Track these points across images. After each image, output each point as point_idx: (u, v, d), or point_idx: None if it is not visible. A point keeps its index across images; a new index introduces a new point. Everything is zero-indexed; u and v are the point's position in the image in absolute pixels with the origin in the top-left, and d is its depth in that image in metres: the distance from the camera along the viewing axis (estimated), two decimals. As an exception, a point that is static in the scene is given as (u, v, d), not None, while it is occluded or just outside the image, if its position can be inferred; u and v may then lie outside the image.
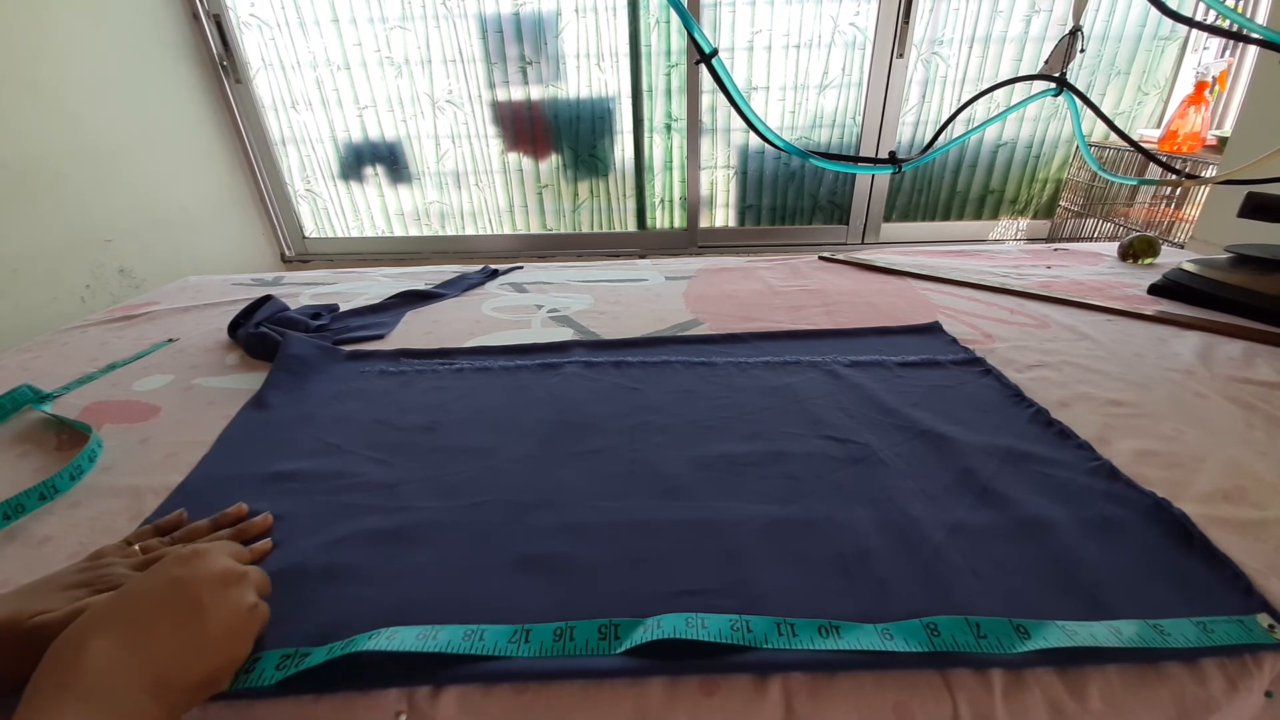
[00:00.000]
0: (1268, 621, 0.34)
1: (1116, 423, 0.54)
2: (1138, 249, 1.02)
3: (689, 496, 0.46)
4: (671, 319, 0.81)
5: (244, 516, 0.43)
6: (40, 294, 1.25)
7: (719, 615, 0.33)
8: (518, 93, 1.84)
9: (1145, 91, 1.79)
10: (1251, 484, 0.46)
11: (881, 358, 0.67)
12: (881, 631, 0.33)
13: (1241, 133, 1.24)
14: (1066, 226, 1.83)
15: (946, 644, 0.32)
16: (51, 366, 0.71)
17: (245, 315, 0.77)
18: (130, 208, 1.46)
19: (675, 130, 1.87)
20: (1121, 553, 0.39)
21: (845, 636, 0.32)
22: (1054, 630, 0.32)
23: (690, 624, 0.32)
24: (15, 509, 0.44)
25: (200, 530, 0.42)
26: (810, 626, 0.33)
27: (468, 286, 0.96)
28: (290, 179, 1.97)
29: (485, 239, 2.05)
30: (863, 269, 1.02)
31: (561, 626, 0.33)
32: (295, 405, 0.60)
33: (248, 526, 0.42)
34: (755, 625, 0.33)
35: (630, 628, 0.33)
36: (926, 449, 0.51)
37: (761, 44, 1.76)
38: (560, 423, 0.56)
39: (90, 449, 0.51)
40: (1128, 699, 0.31)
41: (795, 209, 1.99)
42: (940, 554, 0.39)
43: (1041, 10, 1.70)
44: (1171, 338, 0.72)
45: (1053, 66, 0.93)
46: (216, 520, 0.42)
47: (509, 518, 0.44)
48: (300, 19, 1.75)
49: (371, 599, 0.37)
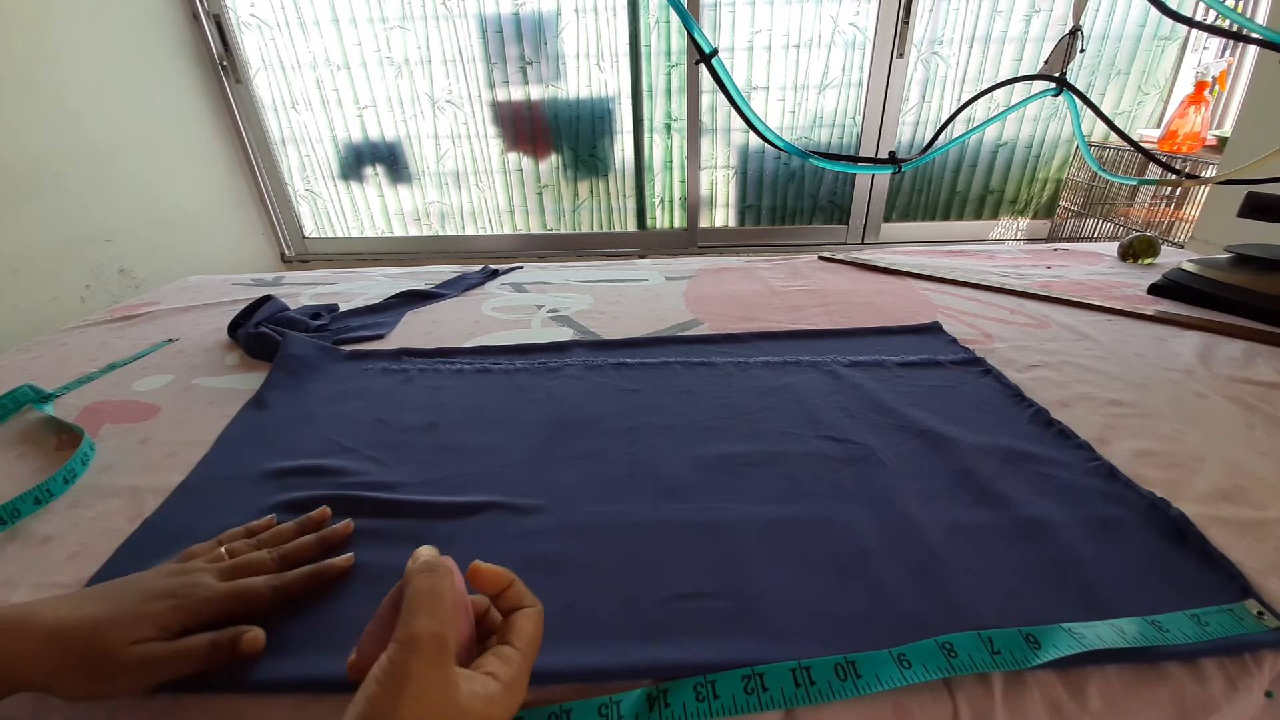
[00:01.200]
0: (1256, 608, 0.34)
1: (1116, 423, 0.54)
2: (1138, 249, 1.02)
3: (688, 497, 0.46)
4: (671, 319, 0.81)
5: (326, 520, 0.43)
6: (40, 294, 1.25)
7: (729, 674, 0.31)
8: (518, 93, 1.84)
9: (1145, 91, 1.79)
10: (1251, 484, 0.46)
11: (881, 358, 0.67)
12: (898, 658, 0.32)
13: (1241, 133, 1.24)
14: (1066, 226, 1.83)
15: (964, 665, 0.31)
16: (51, 366, 0.71)
17: (245, 315, 0.77)
18: (130, 208, 1.46)
19: (675, 130, 1.87)
20: (1118, 552, 0.39)
21: (864, 675, 0.31)
22: (1063, 636, 0.32)
23: (701, 695, 0.30)
24: (11, 514, 0.44)
25: (286, 533, 0.41)
26: (827, 667, 0.31)
27: (468, 286, 0.96)
28: (290, 179, 1.97)
29: (485, 239, 2.05)
30: (863, 269, 1.02)
31: (555, 711, 0.31)
32: (295, 405, 0.60)
33: (330, 534, 0.41)
34: (770, 679, 0.31)
35: (635, 703, 0.31)
36: (926, 449, 0.51)
37: (761, 44, 1.76)
38: (560, 423, 0.56)
39: (82, 452, 0.51)
40: (1128, 699, 0.31)
41: (795, 209, 2.00)
42: (938, 554, 0.39)
43: (1041, 10, 1.70)
44: (1171, 338, 0.72)
45: (1053, 66, 0.93)
46: (302, 524, 0.42)
47: (507, 518, 0.44)
48: (300, 19, 1.75)
49: (370, 599, 0.37)
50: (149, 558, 0.41)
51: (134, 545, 0.42)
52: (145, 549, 0.41)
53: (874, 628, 0.34)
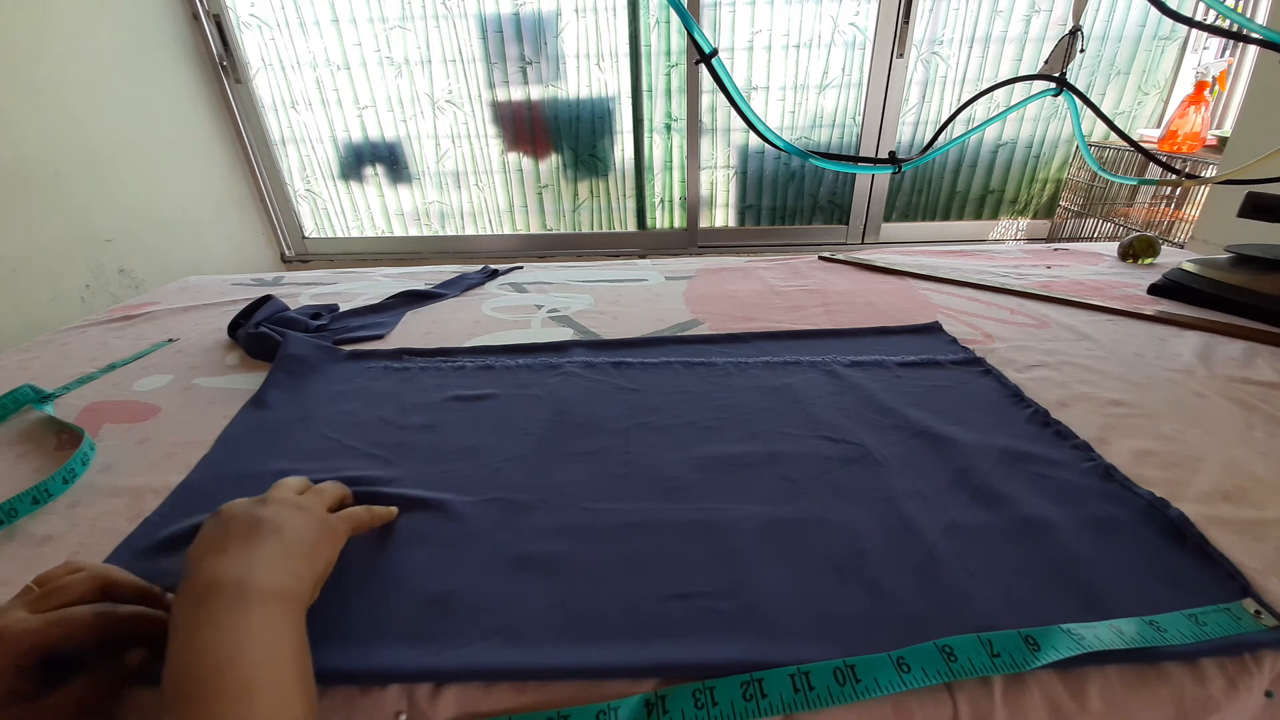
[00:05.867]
0: (1254, 607, 0.34)
1: (1116, 423, 0.54)
2: (1138, 249, 1.02)
3: (686, 497, 0.46)
4: (671, 319, 0.81)
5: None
6: (40, 294, 1.25)
7: (728, 680, 0.31)
8: (518, 93, 1.84)
9: (1145, 91, 1.79)
10: (1251, 484, 0.46)
11: (881, 358, 0.67)
12: (897, 661, 0.32)
13: (1241, 133, 1.24)
14: (1066, 226, 1.83)
15: (964, 669, 0.31)
16: (51, 366, 0.71)
17: (245, 315, 0.77)
18: (130, 208, 1.46)
19: (675, 130, 1.87)
20: (1117, 552, 0.39)
21: (864, 679, 0.31)
22: (1062, 638, 0.32)
23: (699, 702, 0.30)
24: (8, 514, 0.44)
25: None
26: (826, 672, 0.31)
27: (467, 286, 0.96)
28: (290, 179, 1.97)
29: (485, 239, 2.05)
30: (863, 269, 1.02)
31: (553, 716, 0.31)
32: (295, 405, 0.60)
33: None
34: (769, 685, 0.31)
35: (633, 709, 0.31)
36: (924, 449, 0.51)
37: (761, 44, 1.76)
38: (559, 423, 0.56)
39: (83, 452, 0.51)
40: (1128, 699, 0.31)
41: (795, 209, 2.00)
42: (935, 553, 0.39)
43: (1041, 10, 1.70)
44: (1171, 338, 0.72)
45: (1053, 66, 0.93)
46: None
47: (506, 517, 0.44)
48: (300, 19, 1.75)
49: (369, 599, 0.37)
50: (149, 558, 0.41)
51: (134, 545, 0.42)
52: (145, 549, 0.41)
53: (872, 627, 0.34)
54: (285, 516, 0.34)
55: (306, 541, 0.33)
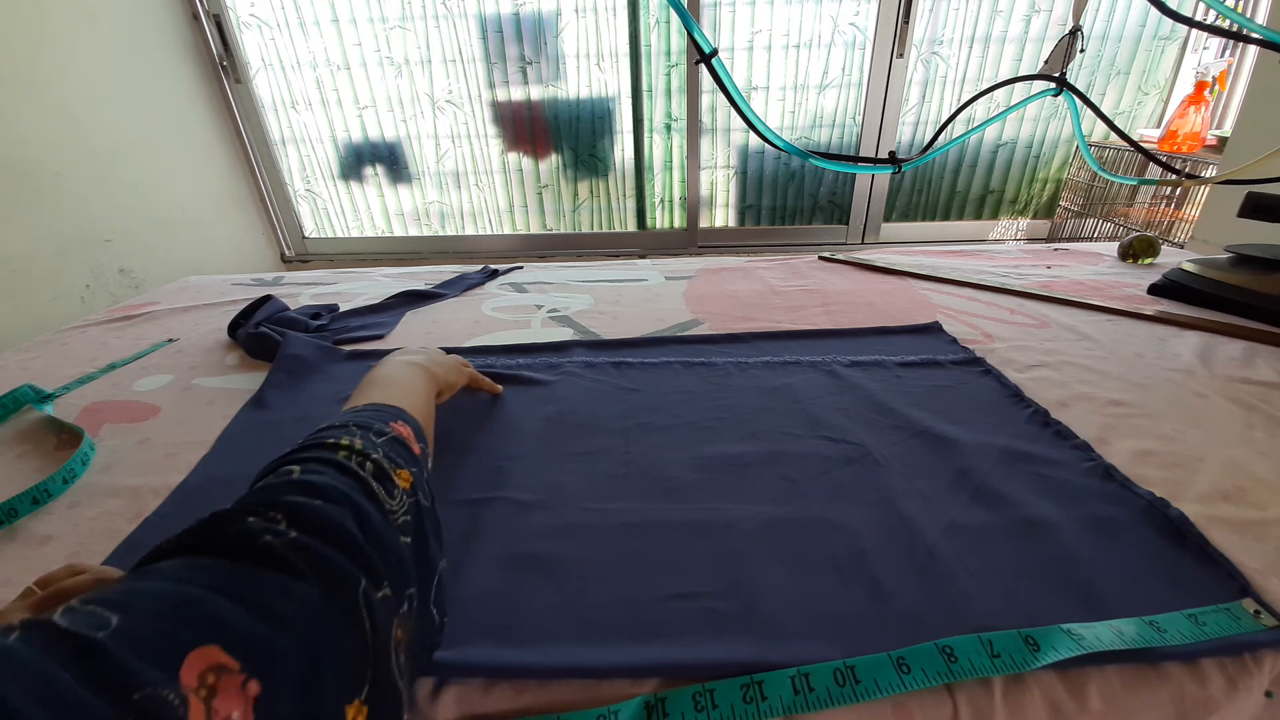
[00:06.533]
0: (1253, 607, 0.34)
1: (1116, 423, 0.54)
2: (1138, 249, 1.02)
3: (686, 497, 0.46)
4: (671, 319, 0.81)
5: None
6: (40, 294, 1.25)
7: (728, 682, 0.31)
8: (518, 93, 1.84)
9: (1145, 91, 1.79)
10: (1251, 484, 0.46)
11: (881, 358, 0.67)
12: (897, 662, 0.31)
13: (1241, 133, 1.24)
14: (1066, 226, 1.83)
15: (964, 670, 0.31)
16: (51, 366, 0.71)
17: (245, 315, 0.77)
18: (130, 208, 1.46)
19: (675, 130, 1.87)
20: (1115, 552, 0.39)
21: (864, 680, 0.31)
22: (1061, 638, 0.32)
23: (700, 705, 0.30)
24: (8, 514, 0.44)
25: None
26: (826, 674, 0.31)
27: (467, 286, 0.96)
28: (290, 179, 1.97)
29: (485, 239, 2.05)
30: (863, 269, 1.02)
31: None
32: (295, 405, 0.60)
33: None
34: (769, 687, 0.31)
35: (634, 712, 0.31)
36: (924, 449, 0.51)
37: (761, 44, 1.76)
38: (559, 422, 0.56)
39: (83, 452, 0.51)
40: (1128, 699, 0.31)
41: (795, 209, 1.99)
42: (935, 553, 0.39)
43: (1041, 10, 1.70)
44: (1171, 338, 0.72)
45: (1053, 66, 0.93)
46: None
47: (506, 517, 0.44)
48: (300, 19, 1.75)
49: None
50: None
51: (134, 545, 0.42)
52: (145, 549, 0.41)
53: (872, 627, 0.34)
54: (434, 352, 0.55)
55: (446, 363, 0.54)
